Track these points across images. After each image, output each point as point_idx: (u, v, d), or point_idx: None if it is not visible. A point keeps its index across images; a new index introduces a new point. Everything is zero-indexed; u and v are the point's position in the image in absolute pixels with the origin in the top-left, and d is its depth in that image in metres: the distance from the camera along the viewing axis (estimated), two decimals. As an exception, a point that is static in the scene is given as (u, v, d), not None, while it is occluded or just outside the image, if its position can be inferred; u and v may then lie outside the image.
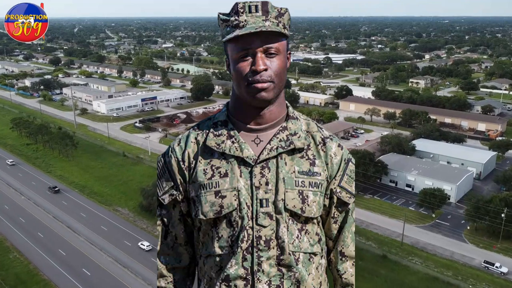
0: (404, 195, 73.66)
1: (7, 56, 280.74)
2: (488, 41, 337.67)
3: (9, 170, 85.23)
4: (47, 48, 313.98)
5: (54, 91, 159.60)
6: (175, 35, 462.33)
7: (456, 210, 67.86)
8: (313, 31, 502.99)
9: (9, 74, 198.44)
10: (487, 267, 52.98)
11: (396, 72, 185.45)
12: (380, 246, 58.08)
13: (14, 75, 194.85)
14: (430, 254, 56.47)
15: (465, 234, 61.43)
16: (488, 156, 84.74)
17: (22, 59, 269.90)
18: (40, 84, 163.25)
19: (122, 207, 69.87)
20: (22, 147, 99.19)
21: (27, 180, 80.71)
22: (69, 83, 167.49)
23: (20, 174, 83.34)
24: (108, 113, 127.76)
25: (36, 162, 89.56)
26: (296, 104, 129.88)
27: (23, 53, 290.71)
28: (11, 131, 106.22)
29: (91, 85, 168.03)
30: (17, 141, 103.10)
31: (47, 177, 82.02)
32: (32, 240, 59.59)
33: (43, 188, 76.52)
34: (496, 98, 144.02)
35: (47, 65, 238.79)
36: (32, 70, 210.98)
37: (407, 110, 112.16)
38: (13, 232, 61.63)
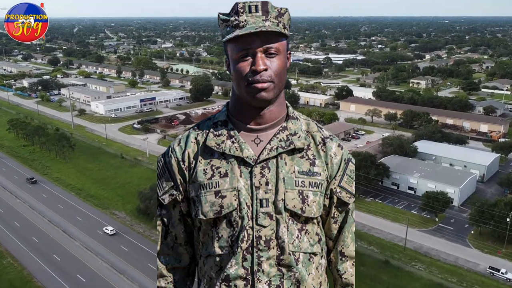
0: (406, 198, 72.38)
1: (6, 56, 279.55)
2: (488, 41, 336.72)
3: (5, 173, 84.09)
4: (46, 48, 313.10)
5: (52, 91, 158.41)
6: (175, 35, 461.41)
7: (460, 213, 66.59)
8: (313, 31, 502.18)
9: (7, 75, 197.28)
10: (493, 273, 51.70)
11: (397, 72, 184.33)
12: (382, 251, 56.83)
13: (12, 76, 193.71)
14: (434, 259, 55.19)
15: (469, 238, 60.16)
16: (491, 158, 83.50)
17: (20, 59, 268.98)
18: (38, 84, 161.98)
19: (119, 211, 68.60)
20: (19, 149, 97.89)
21: (22, 181, 79.58)
22: (68, 84, 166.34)
23: (16, 176, 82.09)
24: (106, 114, 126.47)
25: (33, 164, 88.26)
26: (296, 105, 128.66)
27: (22, 53, 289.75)
28: (7, 133, 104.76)
29: (90, 86, 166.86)
30: (13, 143, 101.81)
31: (44, 179, 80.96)
32: (27, 245, 58.33)
33: (37, 191, 75.45)
34: (498, 98, 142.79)
35: (45, 65, 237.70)
36: (31, 71, 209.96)
37: (408, 111, 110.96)
38: (7, 237, 60.41)
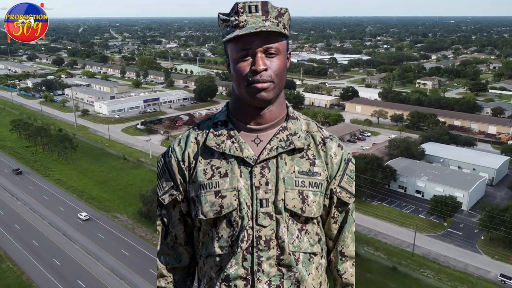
0: (413, 202, 70.68)
1: (11, 56, 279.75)
2: (495, 41, 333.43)
3: (7, 175, 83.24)
4: (51, 49, 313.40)
5: (56, 92, 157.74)
6: (180, 35, 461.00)
7: (469, 218, 64.90)
8: (318, 31, 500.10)
9: (11, 75, 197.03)
10: (504, 281, 50.04)
11: (403, 72, 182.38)
12: (390, 257, 55.30)
13: (16, 76, 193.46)
14: (443, 266, 53.59)
15: (479, 244, 58.50)
16: (501, 161, 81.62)
17: (25, 60, 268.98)
18: (42, 84, 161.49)
19: (121, 213, 67.49)
20: (21, 150, 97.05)
21: (24, 184, 78.65)
22: (71, 84, 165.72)
23: (17, 178, 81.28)
24: (109, 114, 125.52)
25: (35, 165, 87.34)
26: (301, 106, 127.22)
27: (27, 53, 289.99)
28: (10, 133, 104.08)
29: (94, 86, 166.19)
30: (16, 144, 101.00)
31: (46, 181, 79.99)
32: (26, 248, 57.33)
33: (39, 193, 74.50)
34: (506, 100, 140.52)
35: (50, 65, 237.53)
36: (35, 71, 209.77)
37: (415, 112, 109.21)
38: (7, 240, 59.44)
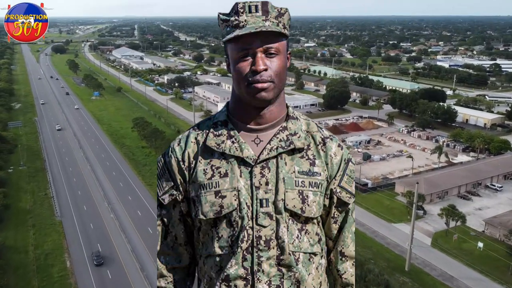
0: None
1: (160, 51, 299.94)
2: None
3: (113, 178, 79.88)
4: (196, 45, 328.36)
5: (187, 89, 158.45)
6: (320, 34, 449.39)
7: None
8: (476, 31, 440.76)
9: (155, 69, 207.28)
10: None
11: None
12: None
13: (158, 70, 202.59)
14: None
15: None
16: None
17: (171, 55, 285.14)
18: (175, 81, 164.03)
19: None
20: (137, 150, 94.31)
21: (124, 193, 73.47)
22: (203, 82, 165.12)
23: (121, 184, 76.90)
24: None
25: (143, 170, 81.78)
26: (451, 123, 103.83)
27: (175, 49, 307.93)
28: (131, 131, 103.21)
29: (223, 85, 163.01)
30: (134, 142, 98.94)
31: (146, 191, 72.72)
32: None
33: (134, 205, 67.95)
34: None
35: (191, 61, 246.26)
36: (176, 66, 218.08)
37: None
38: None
